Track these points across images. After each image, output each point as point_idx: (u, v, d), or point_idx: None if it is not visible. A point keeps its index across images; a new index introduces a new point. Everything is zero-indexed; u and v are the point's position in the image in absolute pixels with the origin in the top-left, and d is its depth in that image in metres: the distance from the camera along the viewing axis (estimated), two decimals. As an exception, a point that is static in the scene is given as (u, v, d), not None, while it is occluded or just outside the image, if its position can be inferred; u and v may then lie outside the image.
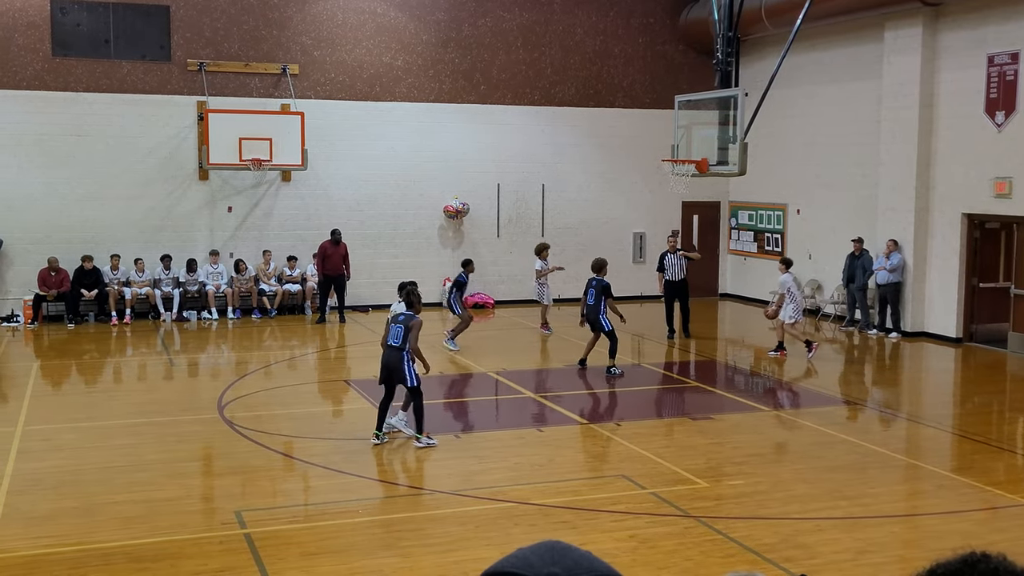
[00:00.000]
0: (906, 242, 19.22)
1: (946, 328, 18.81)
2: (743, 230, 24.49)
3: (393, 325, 11.42)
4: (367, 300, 22.29)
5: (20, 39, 19.97)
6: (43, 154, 20.25)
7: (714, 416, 13.12)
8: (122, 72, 20.64)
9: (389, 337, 11.40)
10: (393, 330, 11.35)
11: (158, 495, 9.75)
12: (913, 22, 18.80)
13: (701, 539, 8.59)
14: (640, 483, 10.09)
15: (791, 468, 10.71)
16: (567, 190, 23.73)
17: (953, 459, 11.59)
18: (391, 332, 11.37)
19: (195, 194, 21.32)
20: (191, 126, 21.03)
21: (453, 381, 15.45)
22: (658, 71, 24.11)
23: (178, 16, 20.86)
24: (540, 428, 12.48)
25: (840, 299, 20.95)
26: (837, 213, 21.30)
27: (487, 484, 10.13)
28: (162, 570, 7.91)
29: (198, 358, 17.81)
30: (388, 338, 11.41)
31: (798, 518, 9.09)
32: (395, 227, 22.55)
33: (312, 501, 9.98)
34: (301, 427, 12.45)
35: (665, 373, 16.45)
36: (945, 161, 18.69)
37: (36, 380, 15.24)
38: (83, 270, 20.07)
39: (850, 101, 20.79)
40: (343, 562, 8.07)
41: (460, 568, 7.95)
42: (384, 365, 11.41)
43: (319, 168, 21.63)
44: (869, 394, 15.36)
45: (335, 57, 21.87)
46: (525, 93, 23.24)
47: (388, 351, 11.37)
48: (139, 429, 12.17)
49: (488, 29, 22.89)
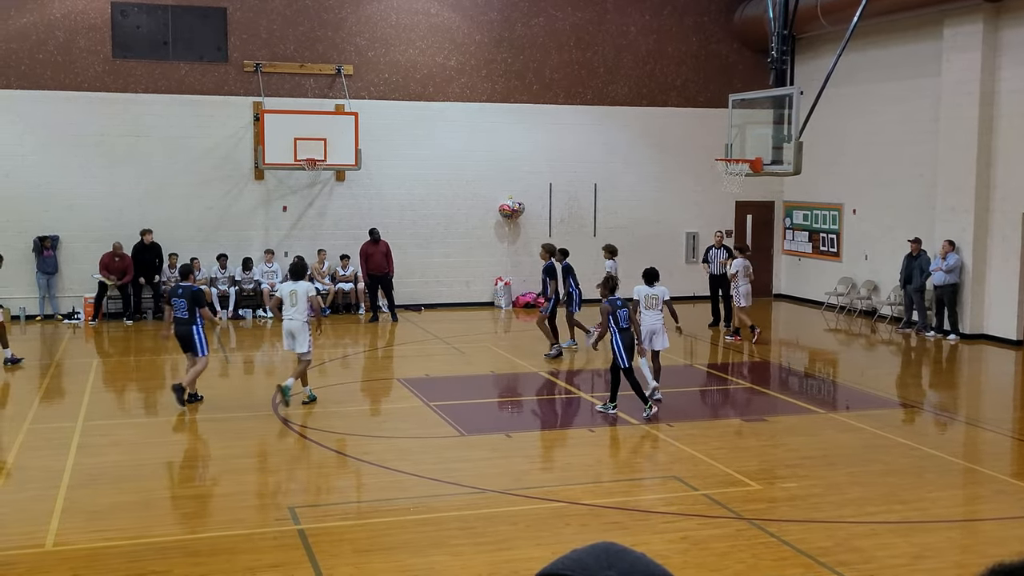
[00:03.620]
0: (965, 243, 18.89)
1: (1006, 330, 18.46)
2: (798, 230, 24.23)
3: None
4: (420, 299, 22.41)
5: (82, 42, 20.36)
6: (103, 154, 20.63)
7: (767, 418, 13.01)
8: (180, 73, 20.95)
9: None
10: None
11: (214, 491, 9.89)
12: (973, 19, 18.48)
13: (754, 541, 8.52)
14: (692, 484, 10.03)
15: (846, 471, 10.58)
16: (619, 190, 23.65)
17: (1012, 463, 11.38)
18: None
19: (251, 194, 21.59)
20: (247, 126, 21.30)
21: (505, 380, 15.47)
22: (712, 70, 23.94)
23: (235, 18, 21.13)
24: (591, 428, 12.45)
25: (897, 300, 20.67)
26: (894, 213, 21.00)
27: (538, 484, 10.14)
28: (217, 564, 8.02)
29: (253, 356, 18.03)
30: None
31: (853, 522, 8.98)
32: (447, 227, 22.64)
33: (365, 498, 10.06)
34: (353, 425, 12.55)
35: (718, 374, 16.33)
36: (1006, 160, 18.35)
37: (96, 376, 15.52)
38: (143, 244, 20.37)
39: (908, 99, 20.48)
40: (394, 559, 8.12)
41: (511, 567, 7.96)
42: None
43: (372, 168, 21.79)
44: (926, 397, 15.12)
45: (389, 58, 22.01)
46: (578, 93, 23.21)
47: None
48: (195, 425, 12.35)
49: (541, 29, 22.89)
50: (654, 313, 13.51)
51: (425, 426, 12.39)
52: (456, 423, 12.47)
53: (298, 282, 13.25)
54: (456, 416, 12.82)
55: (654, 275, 13.84)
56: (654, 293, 13.60)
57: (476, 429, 12.34)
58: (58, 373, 15.76)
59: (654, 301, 13.56)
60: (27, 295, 20.42)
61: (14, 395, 14.30)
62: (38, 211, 20.28)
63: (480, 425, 12.60)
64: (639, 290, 13.67)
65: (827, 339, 19.90)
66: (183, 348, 13.33)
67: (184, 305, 12.90)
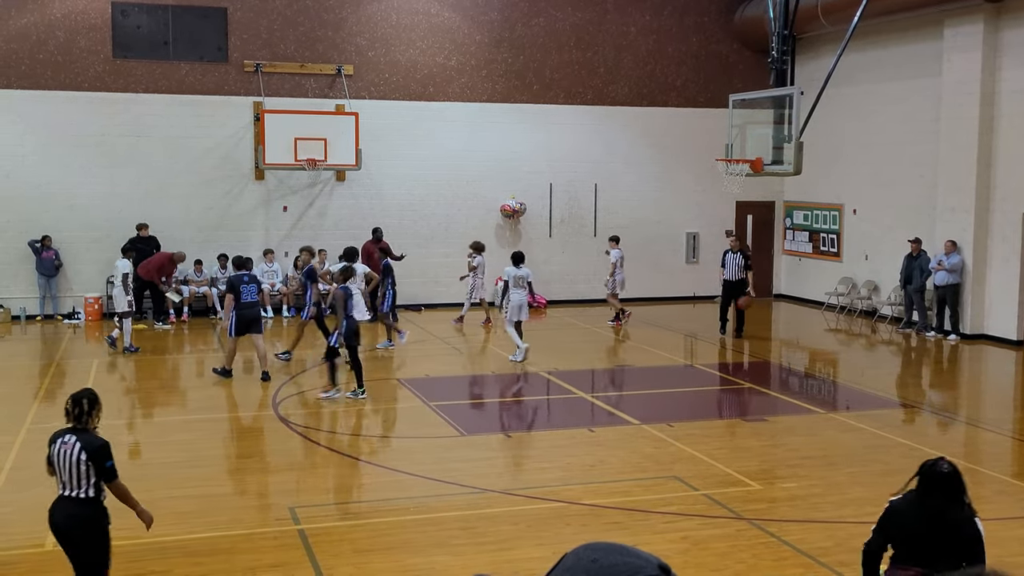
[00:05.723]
0: (966, 243, 18.89)
1: (1006, 331, 18.46)
2: (798, 230, 24.23)
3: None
4: (420, 299, 22.41)
5: (82, 42, 20.37)
6: (103, 154, 20.64)
7: (768, 418, 13.01)
8: (180, 73, 20.96)
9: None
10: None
11: (214, 491, 9.89)
12: (974, 19, 18.48)
13: (754, 542, 8.52)
14: (692, 484, 10.03)
15: (846, 471, 10.58)
16: (620, 190, 23.65)
17: (1012, 464, 11.39)
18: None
19: (251, 194, 21.60)
20: (247, 126, 21.30)
21: (505, 380, 15.47)
22: (712, 70, 23.94)
23: (235, 18, 21.14)
24: (592, 428, 12.46)
25: (897, 300, 20.67)
26: (894, 213, 21.00)
27: (538, 484, 10.14)
28: (217, 564, 8.02)
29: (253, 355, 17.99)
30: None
31: (853, 522, 8.97)
32: (447, 227, 22.64)
33: (365, 498, 10.06)
34: (354, 424, 12.55)
35: (719, 374, 16.33)
36: (1006, 161, 18.35)
37: (97, 376, 15.51)
38: (139, 238, 20.33)
39: (908, 99, 20.48)
40: (395, 559, 8.12)
41: (512, 567, 7.96)
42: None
43: (373, 168, 21.79)
44: (926, 397, 15.12)
45: (389, 58, 22.01)
46: (578, 93, 23.21)
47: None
48: (196, 425, 12.35)
49: (541, 29, 22.89)
50: (520, 291, 16.26)
51: (425, 426, 12.39)
52: (456, 423, 12.48)
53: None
54: (456, 416, 12.83)
55: (520, 258, 16.59)
56: (520, 274, 16.29)
57: (476, 429, 12.35)
58: (58, 373, 15.76)
59: (521, 280, 16.29)
60: (27, 295, 20.43)
61: (14, 395, 14.30)
62: (38, 211, 20.29)
63: (480, 425, 12.61)
64: (508, 271, 16.39)
65: (827, 339, 19.89)
66: (246, 330, 14.92)
67: (255, 290, 15.08)
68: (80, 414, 6.52)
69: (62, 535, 6.57)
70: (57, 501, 6.57)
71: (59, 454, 6.45)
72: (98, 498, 6.56)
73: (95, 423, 6.62)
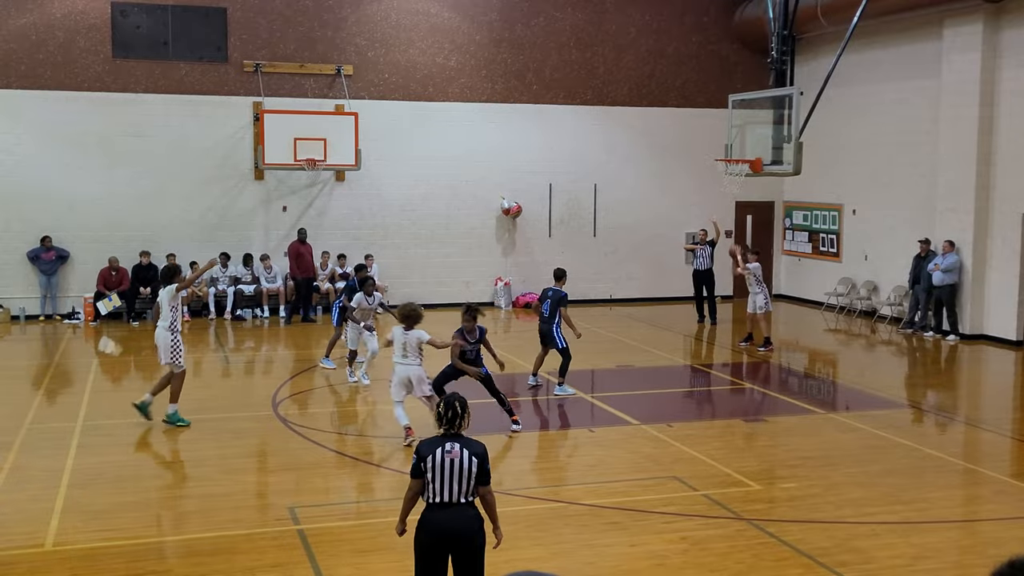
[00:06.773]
0: (965, 243, 18.90)
1: (1005, 331, 18.47)
2: (798, 230, 24.23)
3: None
4: (419, 299, 22.29)
5: (82, 42, 20.36)
6: (103, 154, 20.63)
7: (767, 418, 13.01)
8: (180, 73, 20.95)
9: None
10: None
11: (214, 491, 9.88)
12: (973, 19, 18.48)
13: (753, 542, 8.52)
14: (692, 485, 10.04)
15: (845, 472, 10.58)
16: (619, 190, 23.65)
17: (1012, 464, 11.39)
18: None
19: (251, 194, 21.59)
20: (247, 126, 21.30)
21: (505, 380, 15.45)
22: (712, 70, 23.94)
23: (235, 18, 21.13)
24: (591, 429, 12.46)
25: (896, 300, 20.67)
26: (894, 213, 21.00)
27: (538, 484, 10.14)
28: (217, 564, 8.02)
29: (253, 356, 18.03)
30: None
31: (853, 522, 8.98)
32: (447, 227, 22.63)
33: (364, 498, 10.06)
34: (353, 425, 12.54)
35: (718, 374, 16.33)
36: (1006, 161, 18.35)
37: (96, 376, 15.51)
38: (141, 266, 20.43)
39: (908, 100, 20.48)
40: (395, 559, 8.11)
41: (511, 567, 7.94)
42: None
43: (372, 168, 21.78)
44: (926, 397, 15.13)
45: (389, 58, 22.01)
46: (578, 93, 23.20)
47: None
48: (195, 426, 12.35)
49: (541, 29, 22.89)
50: (409, 361, 11.46)
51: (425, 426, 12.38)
52: (456, 423, 12.44)
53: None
54: (456, 416, 12.78)
55: (415, 318, 11.40)
56: (408, 339, 11.43)
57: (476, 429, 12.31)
58: (58, 373, 15.75)
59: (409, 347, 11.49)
60: (27, 295, 20.42)
61: (14, 395, 14.30)
62: (38, 211, 20.28)
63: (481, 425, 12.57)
64: (395, 331, 11.57)
65: (827, 339, 19.90)
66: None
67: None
68: (454, 418, 6.32)
69: (465, 541, 6.17)
70: (441, 508, 6.20)
71: (445, 463, 6.20)
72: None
73: (466, 427, 6.40)
